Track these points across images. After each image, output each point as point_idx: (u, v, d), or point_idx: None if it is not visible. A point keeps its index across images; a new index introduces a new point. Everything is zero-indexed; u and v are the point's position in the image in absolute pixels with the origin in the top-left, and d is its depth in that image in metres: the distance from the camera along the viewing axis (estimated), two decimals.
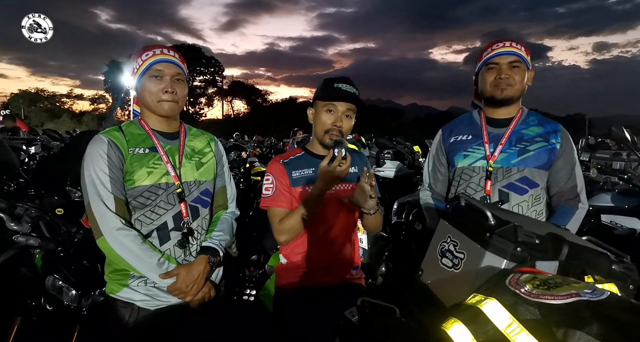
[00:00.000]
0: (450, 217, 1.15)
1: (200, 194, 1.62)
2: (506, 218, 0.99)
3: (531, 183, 1.71)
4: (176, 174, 1.55)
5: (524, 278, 0.78)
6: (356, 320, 1.09)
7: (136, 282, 1.49)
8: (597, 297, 0.67)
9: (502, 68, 1.69)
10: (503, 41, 1.72)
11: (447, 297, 1.04)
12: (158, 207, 1.50)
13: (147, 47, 1.55)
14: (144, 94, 1.52)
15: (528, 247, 0.91)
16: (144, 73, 1.50)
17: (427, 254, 1.19)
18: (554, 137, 1.73)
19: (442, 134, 1.95)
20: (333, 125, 1.63)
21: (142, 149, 1.51)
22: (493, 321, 0.73)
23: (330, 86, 1.64)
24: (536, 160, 1.71)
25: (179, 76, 1.55)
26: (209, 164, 1.69)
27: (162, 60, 1.51)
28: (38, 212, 1.90)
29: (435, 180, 1.97)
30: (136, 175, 1.47)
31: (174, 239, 1.53)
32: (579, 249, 0.94)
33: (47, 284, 1.82)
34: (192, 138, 1.69)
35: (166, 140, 1.59)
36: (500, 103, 1.76)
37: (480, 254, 0.96)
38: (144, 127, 1.57)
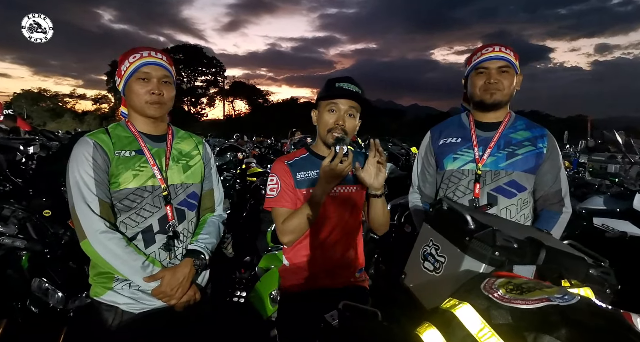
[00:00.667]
0: (433, 221, 1.15)
1: (186, 197, 1.62)
2: (487, 222, 0.99)
3: (519, 187, 1.72)
4: (162, 177, 1.54)
5: (499, 283, 0.78)
6: (336, 323, 1.08)
7: (120, 285, 1.48)
8: (567, 302, 0.67)
9: (492, 73, 1.70)
10: (492, 46, 1.73)
11: (428, 301, 1.04)
12: (143, 210, 1.50)
13: (134, 49, 1.55)
14: (131, 96, 1.53)
15: (506, 252, 0.91)
16: (131, 75, 1.51)
17: (410, 257, 1.19)
18: (540, 141, 1.75)
19: (431, 135, 1.95)
20: (335, 124, 1.62)
21: (128, 151, 1.51)
22: (466, 325, 0.73)
23: (332, 86, 1.64)
24: (524, 164, 1.72)
25: (166, 78, 1.55)
26: (196, 167, 1.68)
27: (150, 63, 1.51)
28: (25, 214, 1.89)
29: (424, 182, 1.97)
30: (122, 178, 1.47)
31: (159, 242, 1.53)
32: (557, 253, 0.94)
33: (33, 286, 1.81)
34: (180, 140, 1.69)
35: (153, 142, 1.59)
36: (490, 107, 1.77)
37: (459, 258, 0.97)
38: (130, 129, 1.57)
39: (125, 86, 1.54)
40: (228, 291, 2.66)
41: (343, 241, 1.70)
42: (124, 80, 1.53)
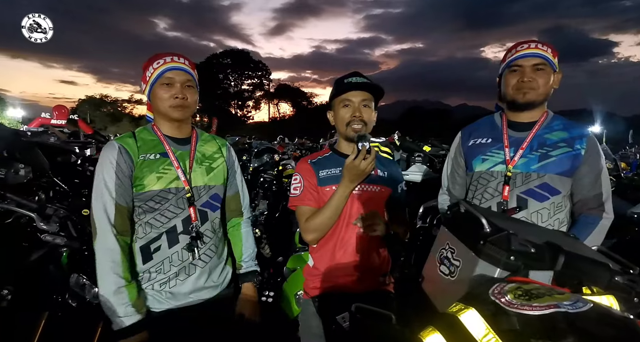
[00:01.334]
0: (450, 224, 1.13)
1: (209, 199, 1.66)
2: (505, 226, 0.95)
3: (552, 190, 1.64)
4: (186, 179, 1.59)
5: (508, 288, 0.75)
6: (347, 326, 1.08)
7: (143, 285, 1.55)
8: (577, 309, 0.64)
9: (525, 71, 1.63)
10: (528, 42, 1.66)
11: (442, 305, 1.01)
12: (167, 211, 1.54)
13: (157, 55, 1.60)
14: (156, 101, 1.58)
15: (522, 256, 0.87)
16: (155, 81, 1.56)
17: (427, 261, 1.17)
18: (579, 142, 1.65)
19: (462, 136, 1.90)
20: (352, 117, 1.62)
21: (153, 154, 1.56)
22: (470, 330, 0.71)
23: (341, 83, 1.65)
24: (558, 166, 1.63)
25: (189, 83, 1.60)
26: (219, 169, 1.72)
27: (173, 68, 1.56)
28: (66, 213, 2.00)
29: (454, 183, 1.92)
30: (146, 180, 1.51)
31: (182, 242, 1.57)
32: (577, 258, 0.89)
33: (72, 282, 1.92)
34: (203, 143, 1.73)
35: (177, 145, 1.63)
36: (523, 107, 1.70)
37: (473, 262, 0.94)
38: (156, 132, 1.62)
39: (150, 92, 1.59)
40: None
41: (369, 242, 1.67)
42: (149, 85, 1.58)
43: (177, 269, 1.56)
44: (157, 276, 1.55)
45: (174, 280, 1.56)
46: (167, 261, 1.55)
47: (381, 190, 1.70)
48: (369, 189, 1.68)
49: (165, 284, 1.56)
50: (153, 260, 1.55)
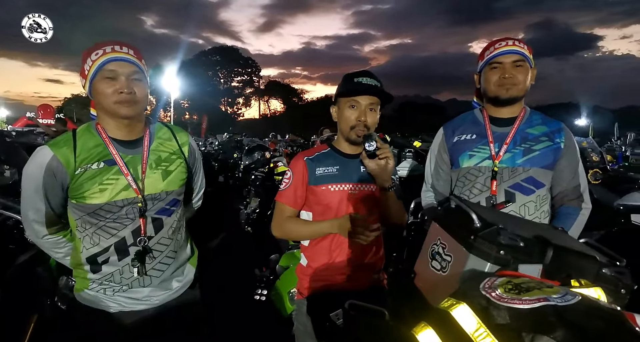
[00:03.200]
0: (441, 219, 1.13)
1: (166, 205, 1.51)
2: (494, 220, 0.96)
3: (537, 183, 1.68)
4: (137, 187, 1.43)
5: (498, 282, 0.76)
6: (341, 323, 1.08)
7: (96, 286, 1.46)
8: (566, 302, 0.65)
9: (506, 67, 1.66)
10: (506, 40, 1.69)
11: (435, 300, 1.02)
12: (115, 223, 1.40)
13: (97, 44, 1.40)
14: (98, 98, 1.38)
15: (512, 250, 0.88)
16: (95, 74, 1.36)
17: (419, 256, 1.18)
18: (558, 136, 1.70)
19: (445, 133, 1.91)
20: (357, 121, 1.60)
21: (96, 163, 1.38)
22: (461, 325, 0.71)
23: (351, 81, 1.62)
24: (542, 159, 1.68)
25: (136, 75, 1.40)
26: (177, 172, 1.56)
27: (115, 59, 1.36)
28: None
29: (438, 180, 1.93)
30: (88, 192, 1.36)
31: (133, 254, 1.44)
32: (565, 251, 0.90)
33: (61, 284, 1.89)
34: (159, 144, 1.55)
35: (126, 149, 1.45)
36: (505, 102, 1.72)
37: (464, 257, 0.95)
38: (100, 134, 1.43)
39: (90, 87, 1.40)
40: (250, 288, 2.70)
41: (360, 245, 1.62)
42: (89, 80, 1.38)
43: (130, 281, 1.45)
44: (110, 284, 1.44)
45: (127, 290, 1.46)
46: (117, 273, 1.44)
47: (376, 188, 1.70)
48: (364, 188, 1.67)
49: (118, 291, 1.45)
50: (102, 271, 1.44)
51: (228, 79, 67.28)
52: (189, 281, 1.63)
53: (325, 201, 1.63)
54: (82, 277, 1.48)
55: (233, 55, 66.44)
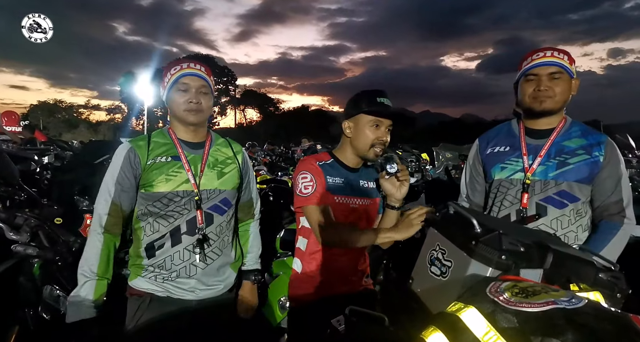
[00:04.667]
0: (439, 225, 1.15)
1: (218, 202, 1.69)
2: (493, 226, 0.98)
3: (571, 197, 1.64)
4: (195, 182, 1.63)
5: (504, 286, 0.78)
6: (343, 329, 1.08)
7: (149, 274, 1.61)
8: (574, 306, 0.66)
9: (542, 79, 1.63)
10: (544, 50, 1.67)
11: (435, 305, 1.03)
12: (173, 212, 1.59)
13: (176, 61, 1.68)
14: (172, 106, 1.64)
15: (513, 255, 0.90)
16: (172, 86, 1.61)
17: (418, 262, 1.19)
18: (597, 149, 1.65)
19: (479, 144, 1.91)
20: (378, 140, 1.63)
21: (165, 157, 1.62)
22: (471, 329, 0.72)
23: (374, 101, 1.63)
24: (576, 173, 1.64)
25: (204, 88, 1.65)
26: (231, 174, 1.75)
27: (189, 74, 1.61)
28: (37, 222, 1.92)
29: (474, 190, 1.93)
30: (155, 181, 1.57)
31: (185, 242, 1.61)
32: (565, 257, 0.93)
33: (45, 293, 1.84)
34: (218, 148, 1.77)
35: (190, 149, 1.68)
36: (539, 115, 1.70)
37: (466, 262, 0.96)
38: (171, 136, 1.68)
39: (167, 96, 1.65)
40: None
41: (358, 250, 1.72)
42: (167, 90, 1.64)
43: (179, 268, 1.60)
44: (161, 271, 1.60)
45: (176, 278, 1.60)
46: (169, 259, 1.60)
47: (372, 202, 1.76)
48: (363, 202, 1.72)
49: (167, 279, 1.60)
50: (156, 257, 1.61)
51: None
52: (229, 283, 1.77)
53: None
54: (137, 265, 1.64)
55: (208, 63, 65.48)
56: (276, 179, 5.66)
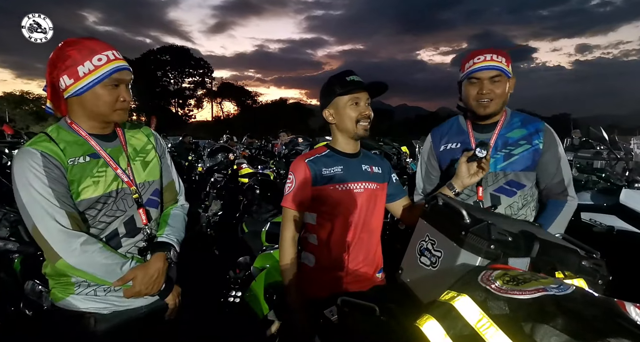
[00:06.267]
0: (429, 216, 1.17)
1: (150, 196, 1.55)
2: (482, 217, 1.01)
3: (518, 185, 1.77)
4: (129, 179, 1.46)
5: (495, 275, 0.80)
6: (335, 319, 1.10)
7: (83, 290, 1.39)
8: (563, 292, 0.69)
9: (484, 83, 1.72)
10: (484, 53, 1.74)
11: (425, 295, 1.05)
12: (106, 216, 1.40)
13: (86, 44, 1.37)
14: (95, 102, 1.37)
15: (501, 245, 0.93)
16: (99, 81, 1.35)
17: (407, 253, 1.21)
18: (536, 137, 1.78)
19: (433, 140, 1.98)
20: (361, 115, 1.64)
21: (82, 157, 1.37)
22: (464, 316, 0.74)
23: (345, 81, 1.65)
24: (521, 163, 1.76)
25: (130, 82, 1.46)
26: (153, 163, 1.59)
27: (123, 68, 1.39)
28: (16, 216, 1.87)
29: (429, 185, 2.00)
30: (81, 187, 1.34)
31: (127, 246, 1.44)
32: (550, 246, 0.96)
33: (27, 289, 1.80)
34: (131, 136, 1.58)
35: (105, 143, 1.46)
36: (484, 118, 1.80)
37: (456, 252, 0.99)
38: (77, 132, 1.41)
39: (86, 89, 1.35)
40: (222, 291, 2.65)
41: (367, 239, 1.71)
42: (87, 84, 1.34)
43: None
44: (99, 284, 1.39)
45: (119, 289, 1.41)
46: None
47: (379, 187, 1.75)
48: (368, 186, 1.71)
49: (110, 291, 1.41)
50: None
51: (179, 80, 65.29)
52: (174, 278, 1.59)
53: (332, 201, 1.64)
54: (63, 283, 1.39)
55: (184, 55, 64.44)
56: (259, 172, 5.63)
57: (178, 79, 65.39)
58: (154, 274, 1.41)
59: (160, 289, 1.46)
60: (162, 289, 1.47)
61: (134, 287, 1.38)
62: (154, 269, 1.42)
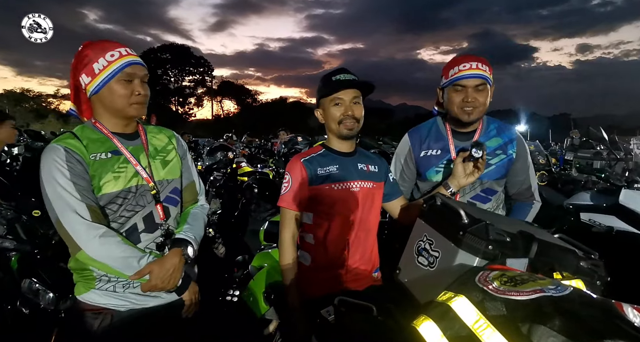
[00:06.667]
0: (427, 216, 1.17)
1: (169, 193, 1.58)
2: (480, 217, 1.00)
3: (492, 192, 1.86)
4: (148, 175, 1.50)
5: (493, 275, 0.80)
6: (332, 319, 1.09)
7: (104, 285, 1.42)
8: (560, 293, 0.69)
9: (469, 91, 1.73)
10: (469, 61, 1.74)
11: (423, 295, 1.05)
12: (126, 211, 1.44)
13: (102, 44, 1.46)
14: (111, 98, 1.44)
15: (499, 245, 0.93)
16: (113, 76, 1.41)
17: (404, 253, 1.20)
18: (510, 147, 1.86)
19: (411, 143, 1.99)
20: (344, 115, 1.63)
21: (104, 153, 1.43)
22: (461, 317, 0.74)
23: (330, 81, 1.65)
24: (496, 173, 1.84)
25: (145, 78, 1.50)
26: (173, 162, 1.64)
27: (133, 63, 1.45)
28: (14, 214, 1.87)
29: (403, 185, 2.00)
30: (102, 182, 1.40)
31: (145, 241, 1.48)
32: (548, 246, 0.96)
33: (24, 287, 1.79)
34: (152, 136, 1.63)
35: (127, 141, 1.52)
36: (467, 125, 1.83)
37: (453, 252, 0.98)
38: (101, 130, 1.48)
39: (101, 87, 1.43)
40: (221, 290, 2.65)
41: (364, 238, 1.70)
42: (102, 80, 1.42)
43: None
44: (119, 278, 1.42)
45: (137, 286, 1.43)
46: None
47: (375, 185, 1.73)
48: (364, 185, 1.70)
49: (128, 287, 1.44)
50: None
51: (179, 78, 65.18)
52: (194, 277, 1.62)
53: (328, 200, 1.63)
54: (86, 277, 1.43)
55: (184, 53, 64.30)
56: (257, 171, 5.62)
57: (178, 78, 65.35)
58: (170, 268, 1.44)
59: (177, 285, 1.48)
60: (178, 285, 1.48)
61: (150, 281, 1.41)
62: (169, 264, 1.45)
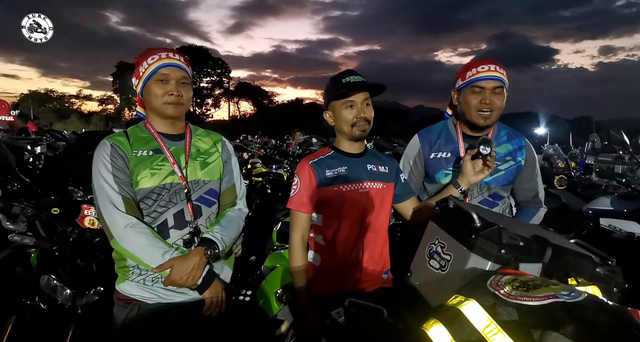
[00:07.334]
0: (439, 219, 1.16)
1: (204, 194, 1.64)
2: (493, 220, 0.99)
3: (499, 197, 1.85)
4: (182, 174, 1.57)
5: (505, 280, 0.78)
6: (342, 320, 1.09)
7: (136, 277, 1.50)
8: (574, 299, 0.67)
9: (487, 93, 1.71)
10: (488, 63, 1.73)
11: (434, 298, 1.04)
12: (159, 206, 1.52)
13: (151, 50, 1.58)
14: (149, 97, 1.55)
15: (512, 249, 0.91)
16: (150, 77, 1.53)
17: (416, 255, 1.20)
18: (520, 154, 1.86)
19: (421, 145, 1.97)
20: (357, 118, 1.64)
21: (147, 151, 1.54)
22: (472, 321, 0.73)
23: (340, 83, 1.65)
24: (505, 179, 1.82)
25: (184, 80, 1.58)
26: (214, 164, 1.70)
27: (168, 64, 1.53)
28: (34, 212, 1.91)
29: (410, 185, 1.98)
30: (140, 176, 1.49)
31: (174, 237, 1.53)
32: (563, 251, 0.94)
33: (42, 283, 1.83)
34: (198, 139, 1.72)
35: (171, 141, 1.61)
36: (483, 129, 1.80)
37: (465, 256, 0.97)
38: (149, 130, 1.60)
39: (143, 88, 1.56)
40: (234, 290, 2.66)
41: (373, 239, 1.70)
42: (143, 81, 1.55)
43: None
44: (148, 272, 1.49)
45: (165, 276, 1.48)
46: None
47: (385, 186, 1.73)
48: (373, 186, 1.70)
49: (157, 282, 1.50)
50: None
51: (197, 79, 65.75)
52: (223, 278, 1.66)
53: (337, 201, 1.64)
54: (122, 268, 1.53)
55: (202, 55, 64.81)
56: (272, 171, 5.65)
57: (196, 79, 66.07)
58: (190, 266, 1.47)
59: (197, 283, 1.50)
60: (198, 283, 1.50)
61: (169, 276, 1.45)
62: (190, 262, 1.47)
